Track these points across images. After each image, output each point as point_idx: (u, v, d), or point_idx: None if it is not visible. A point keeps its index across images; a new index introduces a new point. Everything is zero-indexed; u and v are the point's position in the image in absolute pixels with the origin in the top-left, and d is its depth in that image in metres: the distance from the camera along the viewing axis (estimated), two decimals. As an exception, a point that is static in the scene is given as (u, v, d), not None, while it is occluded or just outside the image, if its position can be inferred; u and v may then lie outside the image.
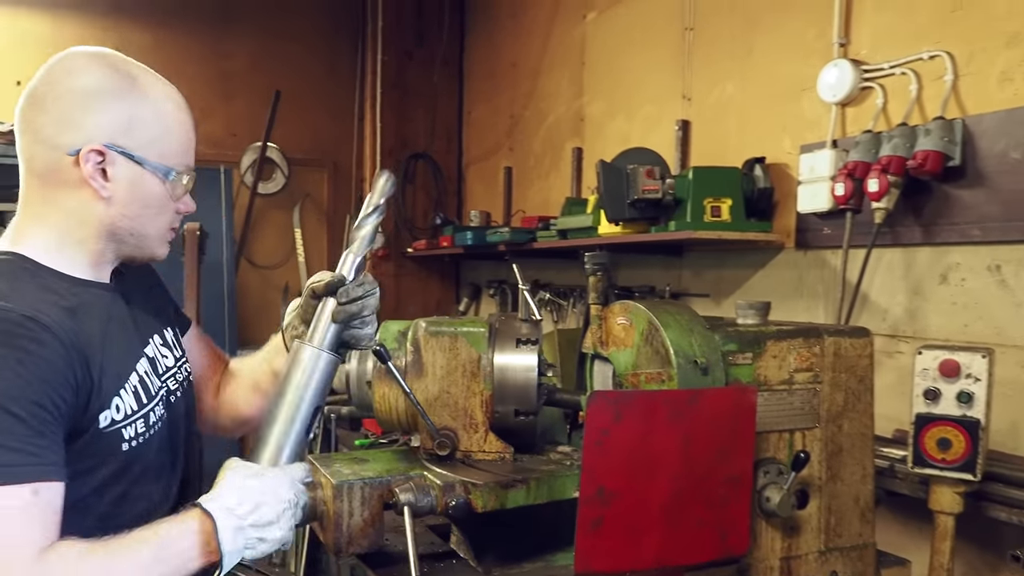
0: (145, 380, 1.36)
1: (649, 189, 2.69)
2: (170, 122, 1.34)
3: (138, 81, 1.31)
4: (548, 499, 1.50)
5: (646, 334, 1.56)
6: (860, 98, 2.50)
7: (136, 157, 1.29)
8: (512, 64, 4.70)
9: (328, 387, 1.33)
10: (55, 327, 1.17)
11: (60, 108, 1.25)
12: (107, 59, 1.32)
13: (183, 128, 1.37)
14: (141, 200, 1.32)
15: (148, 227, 1.36)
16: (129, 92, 1.29)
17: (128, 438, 1.30)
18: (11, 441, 1.09)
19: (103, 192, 1.28)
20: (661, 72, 3.41)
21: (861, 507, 1.70)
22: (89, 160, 1.25)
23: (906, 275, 2.35)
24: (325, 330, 1.37)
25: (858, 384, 1.69)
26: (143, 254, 1.40)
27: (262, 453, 1.31)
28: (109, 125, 1.27)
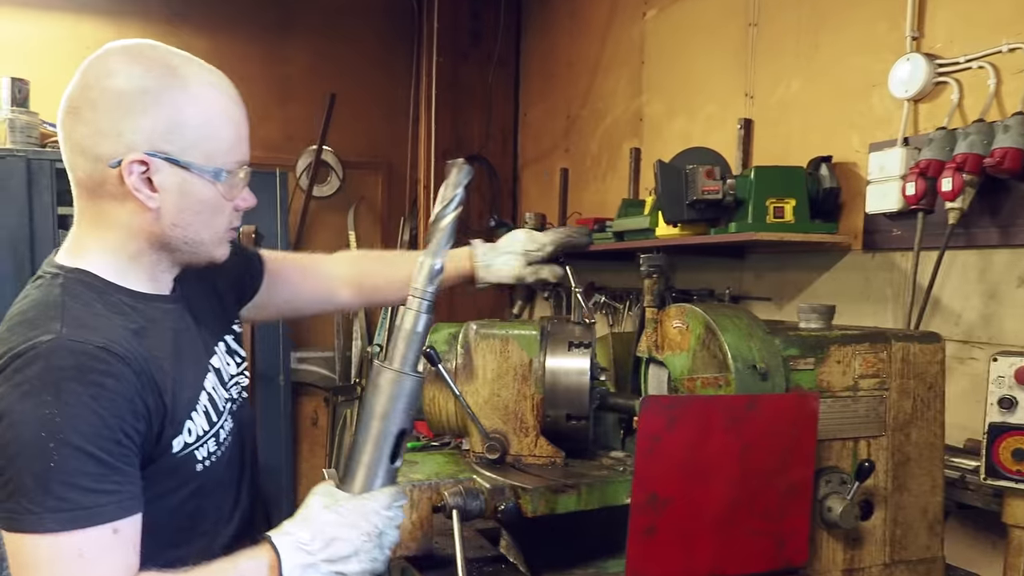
0: (213, 396, 1.33)
1: (709, 190, 2.62)
2: (216, 117, 1.24)
3: (178, 74, 1.21)
4: (600, 505, 1.47)
5: (703, 338, 1.51)
6: (934, 94, 2.39)
7: (182, 162, 1.20)
8: (569, 63, 4.66)
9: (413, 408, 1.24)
10: (129, 358, 1.13)
11: (97, 116, 1.17)
12: (144, 54, 1.21)
13: (231, 120, 1.26)
14: (192, 207, 1.24)
15: (202, 233, 1.28)
16: (168, 89, 1.19)
17: (201, 459, 1.28)
18: (88, 482, 1.06)
19: (150, 203, 1.20)
20: (723, 70, 3.33)
21: (929, 519, 1.62)
22: (132, 172, 1.17)
23: (981, 278, 2.24)
24: (405, 349, 1.25)
25: (927, 391, 1.62)
26: (200, 259, 1.33)
27: (348, 482, 1.22)
28: (150, 130, 1.17)
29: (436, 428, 1.67)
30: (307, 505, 1.20)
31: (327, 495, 1.20)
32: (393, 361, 1.24)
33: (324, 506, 1.18)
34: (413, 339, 1.25)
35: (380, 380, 1.23)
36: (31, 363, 1.07)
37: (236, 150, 1.27)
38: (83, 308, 1.16)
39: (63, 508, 1.05)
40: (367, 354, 5.30)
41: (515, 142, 5.35)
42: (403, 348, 1.24)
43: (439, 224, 1.32)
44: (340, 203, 5.40)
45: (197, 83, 1.22)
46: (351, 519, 1.17)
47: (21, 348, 1.09)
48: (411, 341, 1.25)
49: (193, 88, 1.21)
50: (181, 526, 1.28)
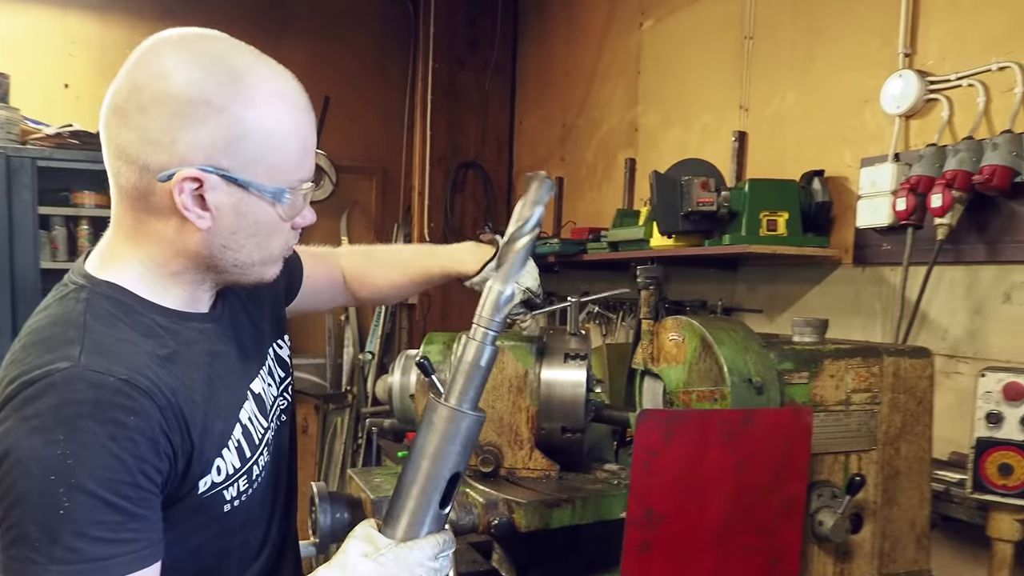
0: (249, 429, 1.21)
1: (704, 201, 2.65)
2: (282, 130, 1.09)
3: (244, 80, 1.06)
4: (594, 519, 1.48)
5: (699, 351, 1.53)
6: (925, 110, 2.42)
7: (240, 180, 1.06)
8: (565, 72, 4.68)
9: (469, 450, 1.12)
10: (154, 391, 1.01)
11: (147, 122, 1.03)
12: (204, 51, 1.07)
13: (299, 135, 1.11)
14: (247, 228, 1.11)
15: (255, 256, 1.15)
16: (232, 96, 1.04)
17: (230, 499, 1.17)
18: (102, 531, 0.95)
19: (200, 224, 1.07)
20: (718, 82, 3.36)
21: (917, 533, 1.64)
22: (184, 190, 1.04)
23: (968, 294, 2.27)
24: (465, 384, 1.11)
25: (917, 406, 1.63)
26: (248, 280, 1.19)
27: (391, 525, 1.10)
28: (208, 143, 1.03)
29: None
30: (344, 551, 1.08)
31: (367, 540, 1.08)
32: (450, 397, 1.11)
33: (363, 554, 1.06)
34: (475, 374, 1.11)
35: (434, 417, 1.11)
36: (43, 394, 0.95)
37: (302, 167, 1.14)
38: (107, 330, 1.04)
39: (71, 560, 0.93)
40: (359, 361, 5.30)
41: (511, 150, 5.36)
42: (463, 383, 1.11)
43: (513, 246, 1.17)
44: (333, 208, 5.40)
45: (265, 92, 1.07)
46: (392, 570, 1.04)
47: (34, 375, 0.97)
48: (472, 376, 1.12)
49: (259, 98, 1.06)
50: (203, 567, 1.18)
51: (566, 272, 4.30)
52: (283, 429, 1.36)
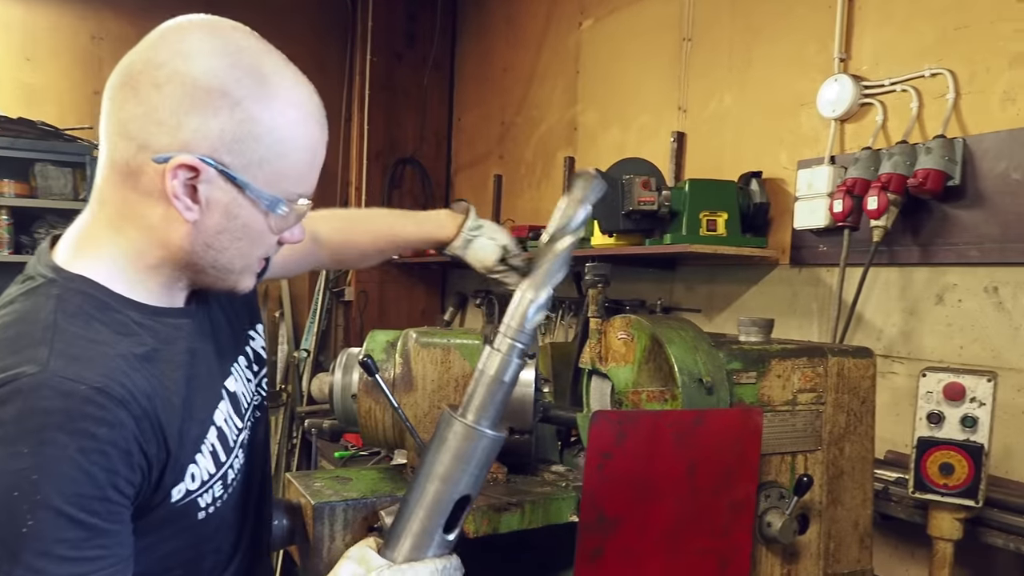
0: (224, 431, 1.14)
1: (645, 200, 2.65)
2: (294, 140, 1.03)
3: (267, 82, 1.01)
4: (543, 523, 1.44)
5: (648, 350, 1.51)
6: (860, 114, 2.47)
7: (239, 180, 1.00)
8: (504, 70, 4.66)
9: (484, 473, 1.01)
10: (129, 400, 0.95)
11: (159, 100, 0.97)
12: (233, 43, 1.02)
13: (309, 148, 1.06)
14: (234, 231, 1.04)
15: (236, 262, 1.08)
16: (251, 93, 0.99)
17: (204, 506, 1.10)
18: (67, 549, 0.88)
19: (187, 215, 1.00)
20: (657, 82, 3.37)
21: (860, 532, 1.66)
22: (178, 176, 0.98)
23: (902, 295, 2.33)
24: (485, 400, 1.01)
25: (860, 406, 1.65)
26: (223, 287, 1.13)
27: (391, 547, 1.02)
28: (216, 135, 0.98)
29: (371, 441, 1.61)
30: (336, 572, 1.02)
31: (360, 562, 1.00)
32: (468, 412, 1.01)
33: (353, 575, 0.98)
34: (497, 389, 1.00)
35: (448, 433, 0.99)
36: (7, 401, 0.88)
37: (304, 181, 1.08)
38: (79, 330, 0.96)
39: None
40: (293, 359, 5.16)
41: (449, 146, 5.31)
42: (483, 398, 1.00)
43: (554, 247, 1.05)
44: (266, 202, 5.25)
45: (285, 97, 1.02)
46: None
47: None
48: (494, 391, 1.00)
49: (279, 102, 1.01)
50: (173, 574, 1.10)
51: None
52: (257, 426, 1.31)
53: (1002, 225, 2.05)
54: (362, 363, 1.49)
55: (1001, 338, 2.07)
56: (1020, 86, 2.03)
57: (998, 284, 2.08)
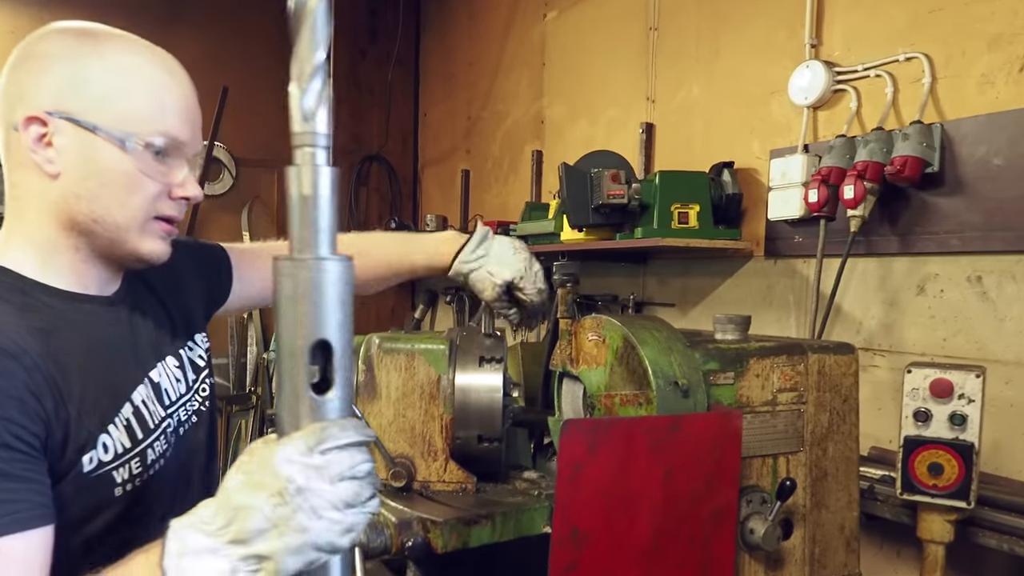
0: (142, 411, 1.16)
1: (614, 194, 2.57)
2: (132, 79, 1.10)
3: (99, 39, 1.10)
4: (515, 535, 1.36)
5: (620, 352, 1.43)
6: (833, 101, 2.41)
7: (83, 123, 1.06)
8: (469, 64, 4.56)
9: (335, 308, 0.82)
10: (19, 352, 0.99)
11: (11, 79, 1.09)
12: (80, 26, 1.13)
13: (152, 85, 1.11)
14: (98, 176, 1.08)
15: (115, 212, 1.10)
16: (83, 51, 1.08)
17: (121, 481, 1.11)
18: None
19: (48, 168, 1.07)
20: (624, 73, 3.30)
21: (846, 535, 1.60)
22: (28, 129, 1.06)
23: (882, 286, 2.27)
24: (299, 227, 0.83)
25: (843, 404, 1.59)
26: (123, 251, 1.14)
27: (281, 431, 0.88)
28: (53, 87, 1.07)
29: (334, 454, 1.53)
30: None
31: (247, 454, 0.90)
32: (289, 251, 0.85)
33: (237, 466, 0.88)
34: (309, 208, 0.82)
35: (276, 281, 0.84)
36: None
37: (158, 120, 1.11)
38: None
39: None
40: (263, 360, 5.03)
41: (415, 142, 5.21)
42: (297, 225, 0.83)
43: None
44: (233, 202, 5.09)
45: (118, 47, 1.11)
46: (256, 477, 0.82)
47: None
48: (306, 211, 0.82)
49: (110, 52, 1.10)
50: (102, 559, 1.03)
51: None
52: (196, 429, 1.32)
53: (984, 212, 2.00)
54: (320, 372, 1.41)
55: (986, 329, 2.01)
56: (998, 69, 1.98)
57: (981, 273, 2.03)
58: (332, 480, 0.79)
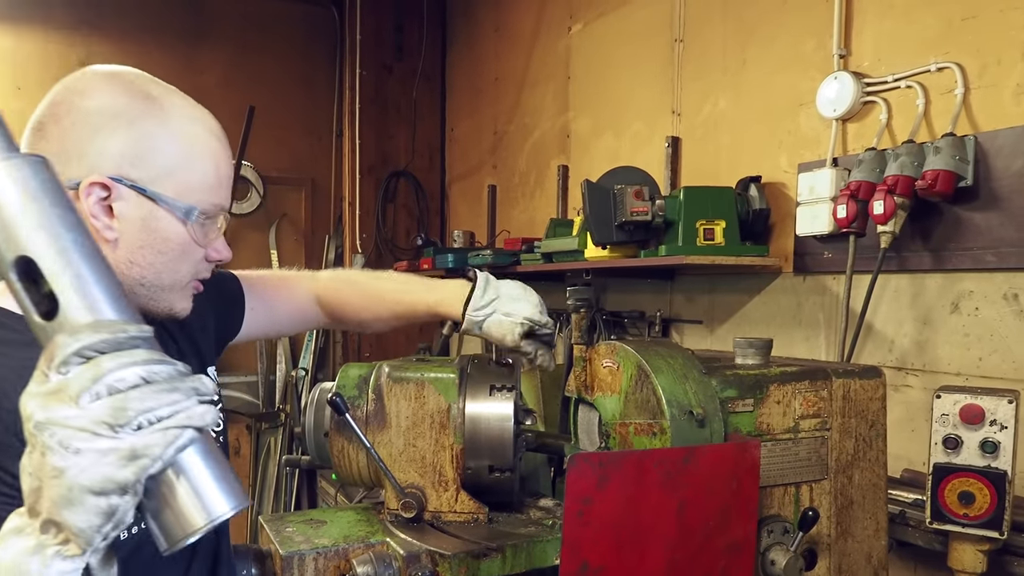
0: None
1: (638, 211, 2.53)
2: (195, 150, 1.10)
3: (158, 102, 1.09)
4: (527, 568, 1.33)
5: (635, 379, 1.39)
6: (862, 113, 2.35)
7: (149, 192, 1.06)
8: (495, 79, 4.55)
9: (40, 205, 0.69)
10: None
11: (62, 134, 1.04)
12: (123, 77, 1.10)
13: (212, 157, 1.13)
14: (156, 244, 1.09)
15: (164, 277, 1.12)
16: (145, 114, 1.07)
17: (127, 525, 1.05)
18: None
19: (107, 234, 1.06)
20: (650, 86, 3.26)
21: (874, 565, 1.53)
22: (91, 194, 1.03)
23: (914, 303, 2.20)
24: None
25: (869, 430, 1.53)
26: (158, 308, 1.15)
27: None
28: (118, 153, 1.04)
29: (347, 481, 1.51)
30: None
31: None
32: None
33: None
34: None
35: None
36: None
37: (215, 191, 1.13)
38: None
39: None
40: (291, 378, 5.07)
41: (442, 158, 5.21)
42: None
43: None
44: (261, 220, 5.15)
45: (178, 114, 1.10)
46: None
47: None
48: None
49: (173, 117, 1.09)
50: None
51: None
52: None
53: (1020, 227, 1.92)
54: (331, 402, 1.39)
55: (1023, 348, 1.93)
56: (1033, 78, 1.91)
57: (1018, 291, 1.95)
58: (75, 400, 0.64)
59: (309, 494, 5.01)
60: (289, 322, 1.66)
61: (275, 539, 1.32)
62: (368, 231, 4.96)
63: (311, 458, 1.60)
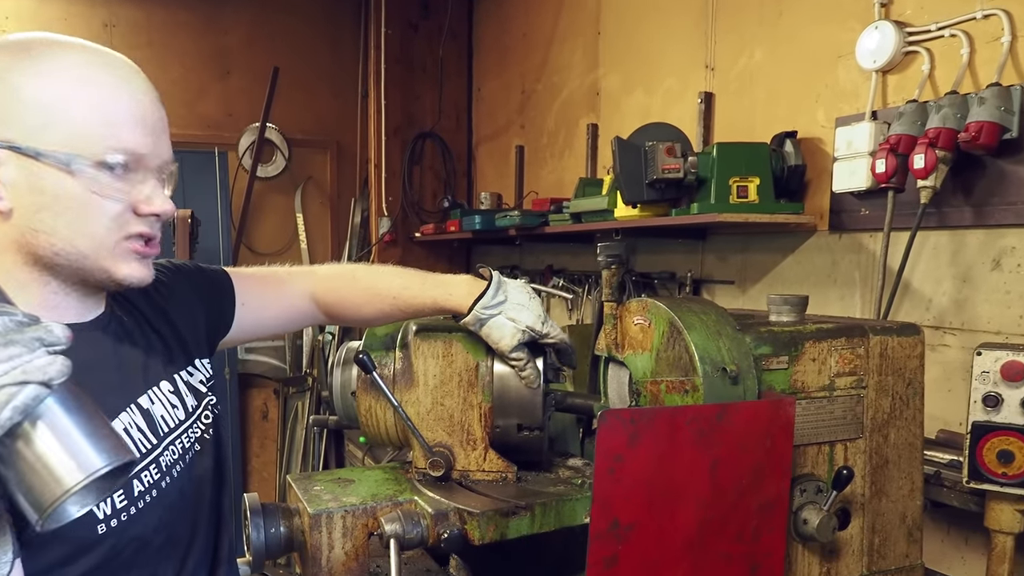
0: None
1: (669, 168, 2.48)
2: (74, 93, 0.99)
3: (32, 52, 0.99)
4: (556, 527, 1.33)
5: (667, 336, 1.37)
6: (904, 64, 2.26)
7: (25, 148, 0.97)
8: (523, 35, 4.47)
9: None
10: None
11: None
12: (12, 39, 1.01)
13: (101, 98, 1.01)
14: (50, 206, 0.99)
15: (76, 241, 1.02)
16: (12, 68, 0.97)
17: (104, 517, 1.02)
18: None
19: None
20: (682, 40, 3.18)
21: (908, 525, 1.51)
22: None
23: (953, 261, 2.13)
24: None
25: (906, 388, 1.49)
26: (97, 278, 1.07)
27: None
28: None
29: (374, 441, 1.51)
30: None
31: None
32: None
33: None
34: None
35: None
36: None
37: (108, 135, 1.01)
38: None
39: None
40: (318, 342, 5.10)
41: (469, 118, 5.15)
42: None
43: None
44: (286, 184, 5.15)
45: (50, 58, 1.00)
46: None
47: None
48: None
49: (44, 63, 0.99)
50: None
51: (528, 246, 4.13)
52: (200, 458, 1.23)
53: (1065, 180, 1.85)
54: (357, 360, 1.39)
55: (1065, 305, 1.87)
56: (1084, 24, 1.82)
57: (1061, 246, 1.88)
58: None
59: (337, 457, 5.07)
60: (283, 320, 1.57)
61: (303, 497, 1.33)
62: (394, 194, 4.94)
63: (338, 418, 1.61)
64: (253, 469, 5.13)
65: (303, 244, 5.14)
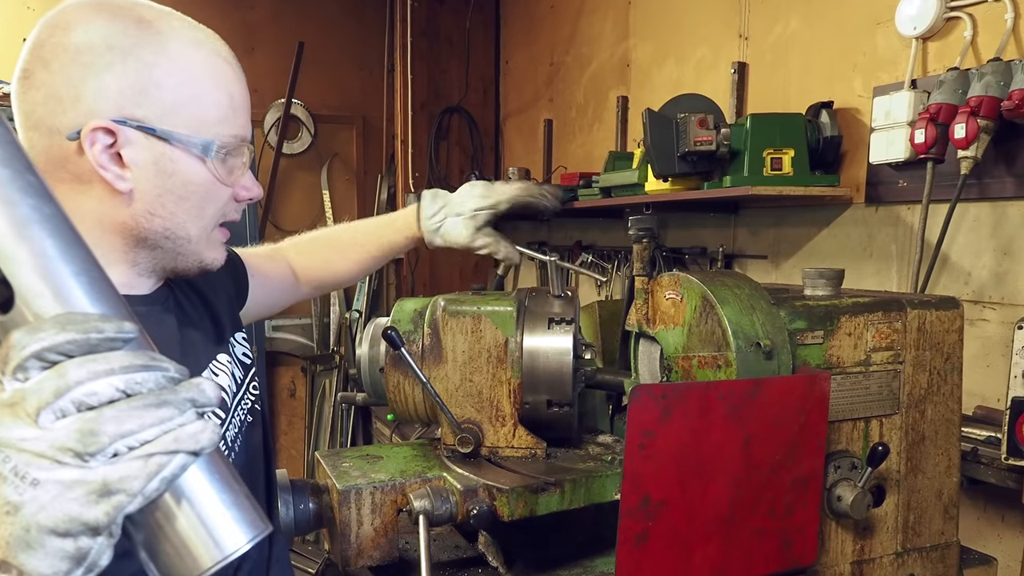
0: None
1: (701, 140, 2.43)
2: (204, 77, 0.98)
3: (154, 26, 0.95)
4: (585, 503, 1.32)
5: (699, 311, 1.35)
6: (945, 30, 2.19)
7: (159, 131, 0.94)
8: (551, 6, 4.41)
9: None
10: None
11: (51, 77, 0.91)
12: (109, 3, 0.95)
13: (223, 83, 1.00)
14: (176, 190, 0.98)
15: (190, 226, 1.01)
16: (141, 42, 0.93)
17: None
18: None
19: (120, 185, 0.94)
20: (715, 9, 3.11)
21: (944, 502, 1.48)
22: (95, 142, 0.92)
23: (994, 233, 2.08)
24: None
25: (944, 363, 1.46)
26: (188, 263, 1.06)
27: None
28: (116, 91, 0.92)
29: (402, 417, 1.51)
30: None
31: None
32: None
33: None
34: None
35: None
36: None
37: (232, 121, 1.01)
38: None
39: None
40: (345, 320, 5.13)
41: (496, 92, 5.11)
42: None
43: None
44: (312, 160, 5.15)
45: (179, 38, 0.97)
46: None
47: None
48: None
49: (172, 44, 0.96)
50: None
51: (557, 221, 4.11)
52: (253, 430, 1.22)
53: (1113, 149, 1.79)
54: (386, 336, 1.38)
55: (1111, 279, 1.82)
56: None
57: (1108, 217, 1.82)
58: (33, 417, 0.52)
59: (364, 435, 5.11)
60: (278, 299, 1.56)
61: (332, 474, 1.33)
62: (421, 170, 4.92)
63: (366, 395, 1.61)
64: (281, 447, 5.19)
65: (330, 221, 5.14)
